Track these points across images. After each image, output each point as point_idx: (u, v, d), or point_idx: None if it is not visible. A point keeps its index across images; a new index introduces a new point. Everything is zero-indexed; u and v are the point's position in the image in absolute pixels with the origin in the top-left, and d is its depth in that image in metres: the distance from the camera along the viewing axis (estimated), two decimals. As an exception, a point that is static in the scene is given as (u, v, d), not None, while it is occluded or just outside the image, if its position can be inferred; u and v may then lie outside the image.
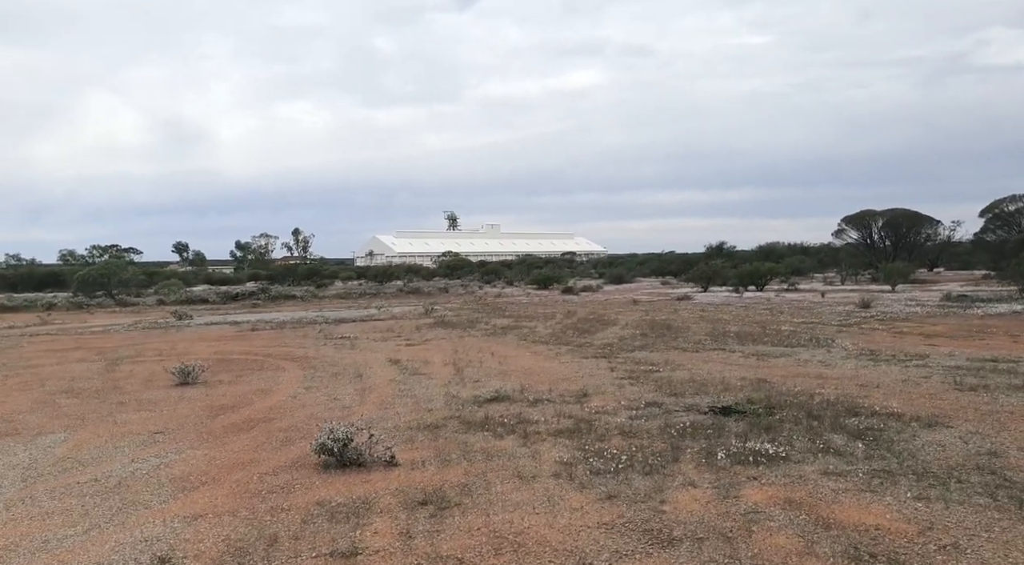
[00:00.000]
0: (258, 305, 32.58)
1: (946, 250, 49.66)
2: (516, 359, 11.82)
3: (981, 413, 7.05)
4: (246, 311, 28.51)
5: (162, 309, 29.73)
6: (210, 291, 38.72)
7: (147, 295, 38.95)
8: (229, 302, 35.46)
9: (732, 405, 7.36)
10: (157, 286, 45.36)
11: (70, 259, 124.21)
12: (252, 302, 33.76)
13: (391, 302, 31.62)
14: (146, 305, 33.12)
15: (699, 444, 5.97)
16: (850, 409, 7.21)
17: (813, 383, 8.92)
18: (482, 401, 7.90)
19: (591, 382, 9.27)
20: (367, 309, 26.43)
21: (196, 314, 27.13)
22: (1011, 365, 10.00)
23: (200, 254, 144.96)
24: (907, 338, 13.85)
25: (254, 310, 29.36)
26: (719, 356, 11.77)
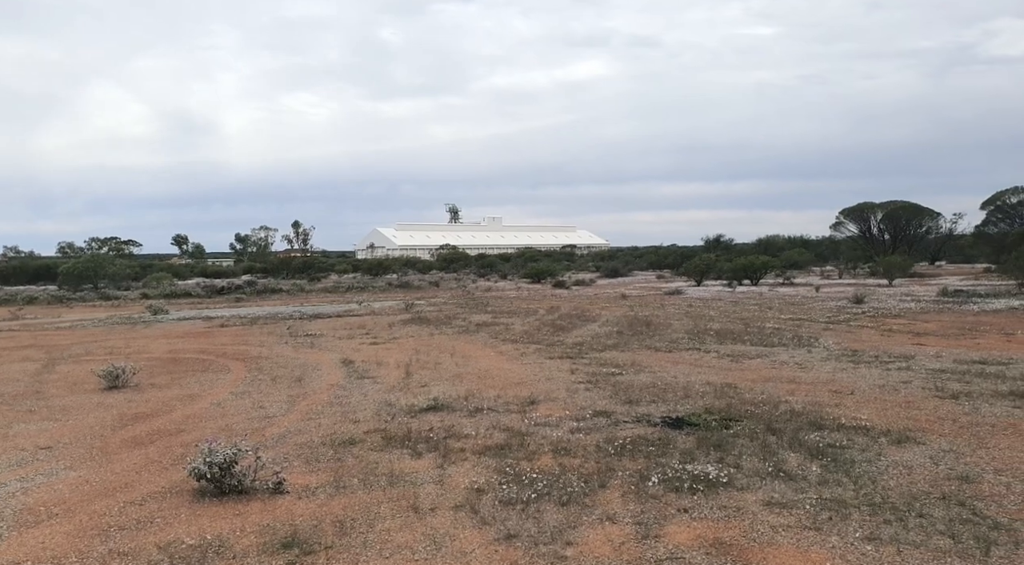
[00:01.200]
0: (242, 299, 31.96)
1: (948, 243, 48.82)
2: (477, 360, 11.17)
3: (959, 426, 6.38)
4: (227, 305, 27.94)
5: (144, 303, 29.16)
6: (196, 285, 38.15)
7: (135, 289, 38.43)
8: (214, 296, 34.90)
9: (685, 416, 6.71)
10: (145, 279, 44.93)
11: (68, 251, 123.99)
12: (236, 296, 33.17)
13: (378, 296, 31.01)
14: (129, 299, 32.54)
15: (636, 464, 5.32)
16: (815, 421, 6.55)
17: (783, 389, 8.25)
18: (417, 411, 7.26)
19: (545, 387, 8.62)
20: (349, 304, 25.82)
21: (175, 309, 26.56)
22: (999, 368, 9.32)
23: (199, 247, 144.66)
24: (895, 337, 13.16)
25: (236, 305, 28.78)
26: (692, 357, 11.11)
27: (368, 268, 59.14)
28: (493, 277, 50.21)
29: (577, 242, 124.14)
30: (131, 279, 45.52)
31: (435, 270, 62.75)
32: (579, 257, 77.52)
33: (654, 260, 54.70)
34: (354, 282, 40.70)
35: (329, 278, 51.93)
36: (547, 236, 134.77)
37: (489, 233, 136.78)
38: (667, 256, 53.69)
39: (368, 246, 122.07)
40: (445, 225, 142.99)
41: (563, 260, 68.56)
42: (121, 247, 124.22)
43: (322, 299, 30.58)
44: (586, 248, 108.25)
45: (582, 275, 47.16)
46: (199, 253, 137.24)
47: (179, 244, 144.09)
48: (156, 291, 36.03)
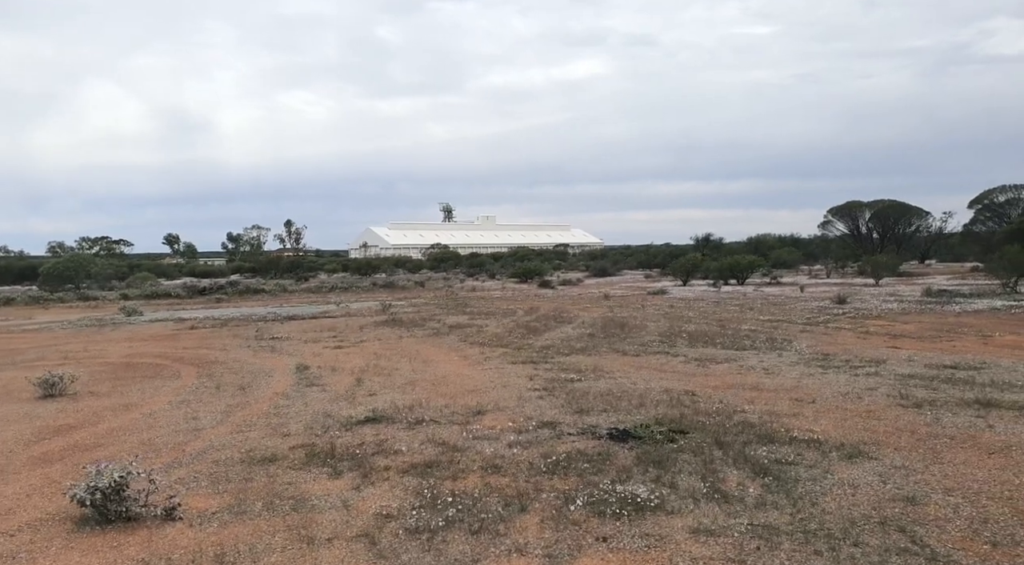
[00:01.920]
0: (222, 300, 31.53)
1: (938, 242, 48.67)
2: (438, 365, 10.82)
3: (917, 439, 6.06)
4: (205, 306, 27.52)
5: (122, 304, 28.70)
6: (177, 285, 37.67)
7: (118, 289, 37.96)
8: (195, 296, 34.45)
9: (632, 429, 6.37)
10: (129, 280, 44.43)
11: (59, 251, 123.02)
12: (217, 297, 32.72)
13: (361, 297, 30.64)
14: (108, 300, 32.04)
15: (566, 484, 4.98)
16: (767, 434, 6.23)
17: (744, 397, 7.93)
18: (354, 423, 6.90)
19: (498, 395, 8.28)
20: (328, 305, 25.43)
21: (153, 310, 26.15)
22: (970, 373, 9.01)
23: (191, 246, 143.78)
24: (871, 339, 12.86)
25: (215, 305, 28.37)
26: (659, 361, 10.78)
27: (357, 268, 58.66)
28: (482, 277, 49.84)
29: (571, 241, 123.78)
30: (115, 279, 45.07)
31: (425, 269, 62.43)
32: (572, 256, 77.18)
33: (643, 259, 54.41)
34: (339, 282, 40.25)
35: (317, 278, 51.58)
36: (541, 235, 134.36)
37: (483, 232, 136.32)
38: (656, 255, 53.41)
39: (361, 245, 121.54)
40: (439, 224, 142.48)
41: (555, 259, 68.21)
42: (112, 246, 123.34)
43: (303, 299, 30.18)
44: (579, 247, 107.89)
45: (571, 274, 46.86)
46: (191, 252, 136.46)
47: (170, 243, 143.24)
48: (137, 292, 35.57)
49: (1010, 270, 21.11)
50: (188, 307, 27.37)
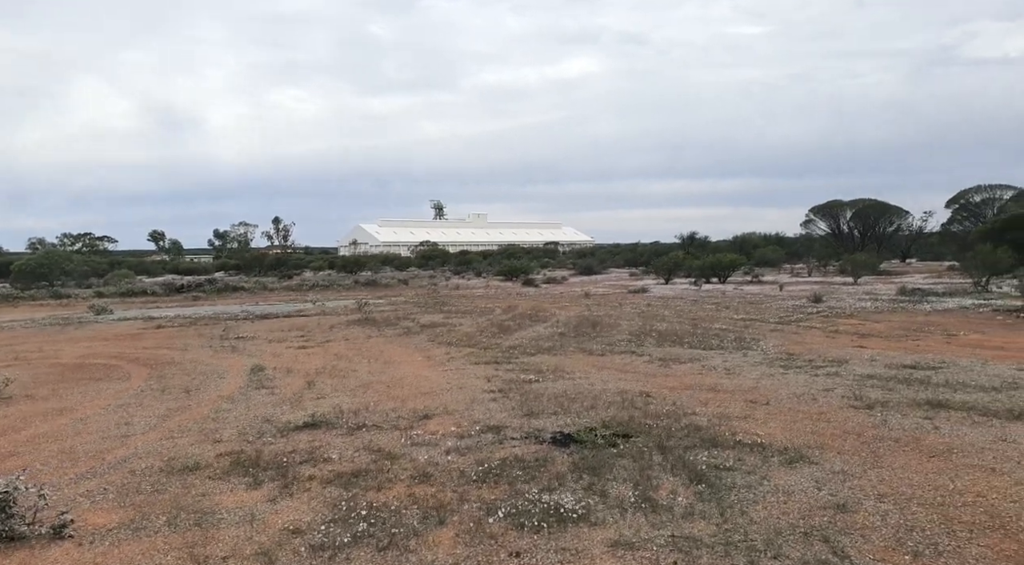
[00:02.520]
0: (199, 298, 31.14)
1: (918, 241, 48.98)
2: (398, 366, 10.63)
3: (862, 442, 5.95)
4: (179, 305, 27.15)
5: (92, 302, 28.26)
6: (154, 283, 37.19)
7: (96, 286, 37.44)
8: (173, 294, 34.04)
9: (575, 433, 6.22)
10: (107, 277, 43.85)
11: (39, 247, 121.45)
12: (194, 295, 32.32)
13: (341, 294, 30.38)
14: (81, 298, 31.54)
15: (494, 493, 4.82)
16: (712, 438, 6.09)
17: (699, 398, 7.79)
18: (292, 428, 6.70)
19: (450, 398, 8.10)
20: (304, 303, 25.15)
21: (127, 308, 25.77)
22: (927, 373, 8.93)
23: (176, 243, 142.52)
24: (839, 339, 12.79)
25: (191, 303, 28.01)
26: (623, 361, 10.63)
27: (343, 265, 58.20)
28: (468, 275, 49.64)
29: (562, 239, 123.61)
30: (94, 276, 44.48)
31: (413, 267, 62.11)
32: (561, 254, 77.05)
33: (630, 258, 54.39)
34: (320, 280, 39.91)
35: (302, 275, 51.17)
36: (532, 233, 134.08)
37: (474, 230, 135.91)
38: (643, 254, 53.39)
39: (351, 243, 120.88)
40: (429, 221, 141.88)
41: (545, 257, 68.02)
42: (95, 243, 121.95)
43: (282, 298, 29.85)
44: (569, 245, 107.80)
45: (558, 273, 46.75)
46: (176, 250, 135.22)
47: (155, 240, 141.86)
48: (113, 289, 35.08)
49: (982, 269, 21.17)
50: (163, 305, 27.00)
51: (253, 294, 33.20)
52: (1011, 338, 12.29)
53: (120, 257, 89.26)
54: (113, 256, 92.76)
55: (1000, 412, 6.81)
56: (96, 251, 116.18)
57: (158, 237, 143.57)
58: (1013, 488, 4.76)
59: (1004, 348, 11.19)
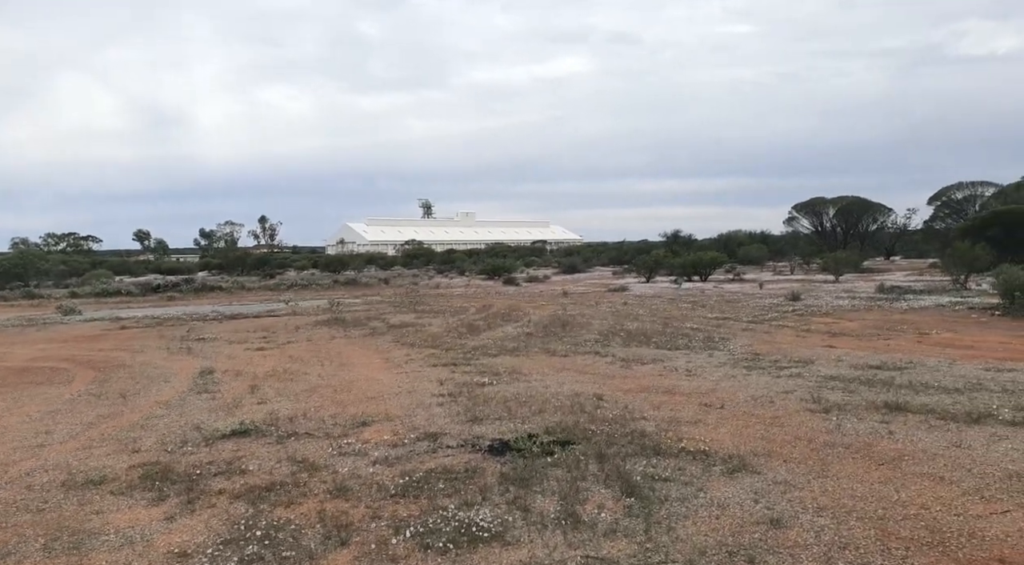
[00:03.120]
0: (174, 298, 30.63)
1: (902, 238, 49.07)
2: (353, 368, 10.29)
3: (812, 448, 5.68)
4: (154, 305, 26.68)
5: (60, 303, 27.69)
6: (134, 283, 36.59)
7: (73, 286, 36.82)
8: (148, 294, 33.50)
9: (513, 441, 5.91)
10: (85, 276, 43.18)
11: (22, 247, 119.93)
12: (169, 295, 31.79)
13: (321, 294, 29.98)
14: (54, 298, 30.93)
15: (408, 510, 4.50)
16: (656, 445, 5.81)
17: (653, 401, 7.51)
18: (219, 437, 6.36)
19: (396, 403, 7.78)
20: (278, 303, 24.73)
21: (98, 308, 25.28)
22: (892, 374, 8.69)
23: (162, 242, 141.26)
24: (810, 338, 12.56)
25: (164, 303, 27.55)
26: (585, 361, 10.35)
27: (326, 264, 57.67)
28: (452, 274, 49.29)
29: (550, 238, 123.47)
30: (70, 276, 43.80)
31: (398, 266, 61.68)
32: (548, 253, 76.82)
33: (615, 256, 54.20)
34: (298, 279, 39.40)
35: (286, 274, 50.66)
36: (520, 231, 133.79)
37: (462, 228, 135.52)
38: (627, 252, 53.21)
39: (338, 242, 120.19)
40: (417, 220, 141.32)
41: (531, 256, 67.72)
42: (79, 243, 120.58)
43: (259, 297, 29.41)
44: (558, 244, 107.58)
45: (541, 271, 46.50)
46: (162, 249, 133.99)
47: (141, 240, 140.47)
48: (88, 289, 34.49)
49: (960, 267, 21.07)
50: (136, 306, 26.51)
51: (231, 294, 32.71)
52: (982, 337, 12.11)
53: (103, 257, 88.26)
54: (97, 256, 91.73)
55: (959, 415, 6.57)
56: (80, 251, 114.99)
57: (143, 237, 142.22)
58: (959, 499, 4.50)
59: (974, 347, 11.00)
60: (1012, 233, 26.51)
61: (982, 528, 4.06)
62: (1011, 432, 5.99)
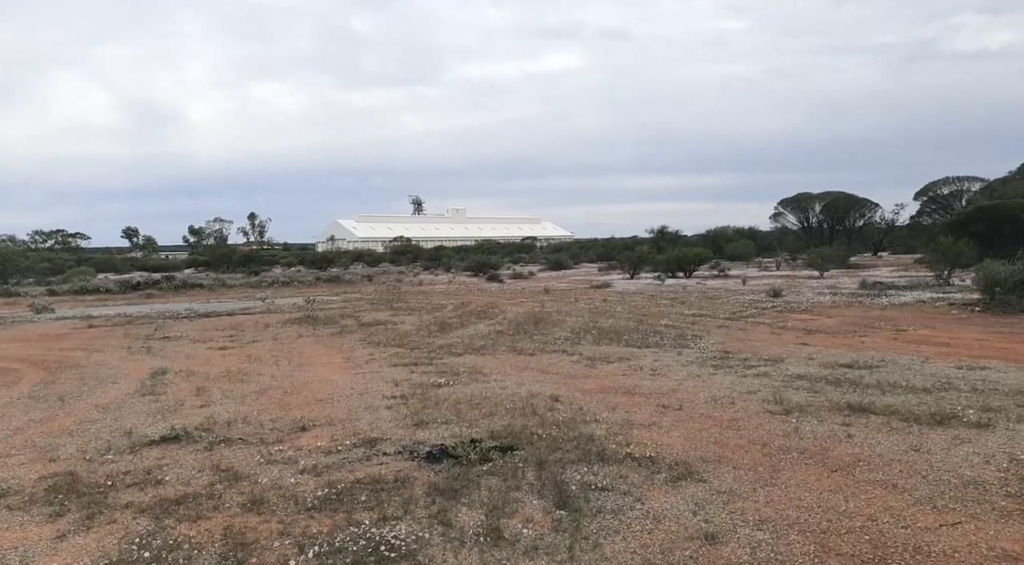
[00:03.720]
0: (153, 296, 30.17)
1: (891, 234, 49.03)
2: (310, 369, 9.96)
3: (765, 454, 5.41)
4: (130, 302, 26.21)
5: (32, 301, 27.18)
6: (111, 280, 36.06)
7: (55, 283, 36.28)
8: (128, 292, 33.01)
9: (451, 447, 5.61)
10: (66, 274, 42.62)
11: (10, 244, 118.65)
12: (148, 292, 31.30)
13: (302, 291, 29.59)
14: (31, 296, 30.40)
15: (322, 525, 4.20)
16: (601, 451, 5.52)
17: (610, 403, 7.23)
18: (147, 443, 6.03)
19: (344, 406, 7.47)
20: (254, 300, 24.33)
21: (71, 306, 24.85)
22: (861, 373, 8.44)
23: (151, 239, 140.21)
24: (785, 335, 12.32)
25: (142, 301, 27.08)
26: (550, 361, 10.05)
27: (313, 261, 57.21)
28: (438, 270, 48.94)
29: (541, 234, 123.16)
30: (52, 274, 43.23)
31: (385, 263, 61.27)
32: (538, 249, 76.53)
33: (603, 252, 53.95)
34: (283, 277, 38.96)
35: (273, 271, 50.20)
36: (511, 228, 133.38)
37: (453, 225, 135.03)
38: (615, 248, 52.96)
39: (328, 238, 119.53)
40: (408, 217, 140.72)
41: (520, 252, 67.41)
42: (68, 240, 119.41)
43: (240, 294, 29.02)
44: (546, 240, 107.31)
45: (527, 268, 46.22)
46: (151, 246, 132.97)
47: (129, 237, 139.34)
48: (68, 287, 33.98)
49: (943, 262, 20.91)
50: (112, 303, 26.04)
51: (211, 291, 32.28)
52: (959, 334, 11.89)
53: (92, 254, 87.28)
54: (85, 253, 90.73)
55: (923, 417, 6.31)
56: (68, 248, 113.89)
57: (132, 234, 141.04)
58: (909, 510, 4.23)
59: (950, 344, 10.77)
60: (997, 228, 26.42)
61: (929, 542, 3.80)
62: (974, 435, 5.74)
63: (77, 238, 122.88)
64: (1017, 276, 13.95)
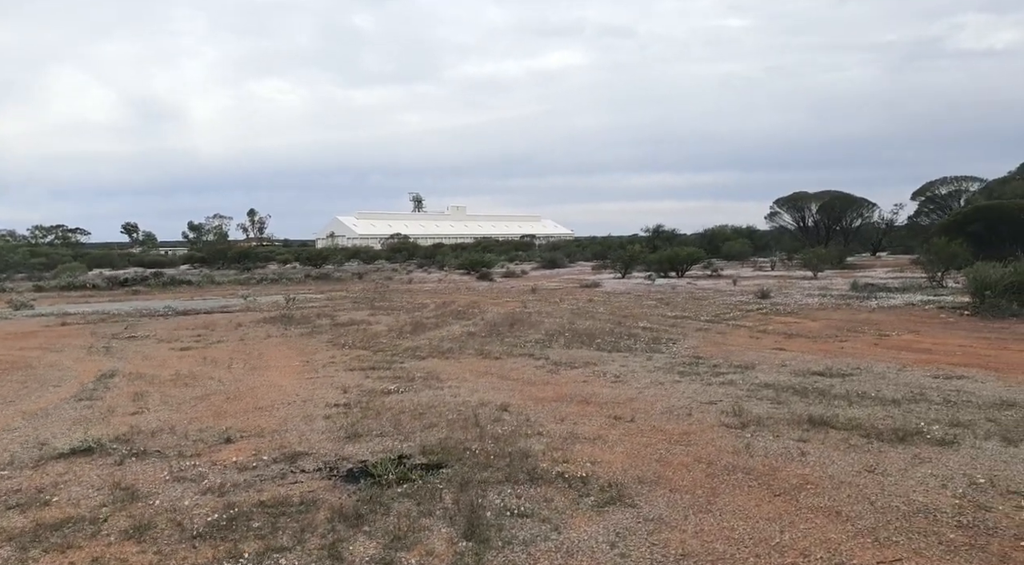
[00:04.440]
0: (139, 292, 29.86)
1: (889, 234, 48.51)
2: (263, 373, 9.58)
3: (709, 473, 5.01)
4: (113, 299, 25.90)
5: (15, 297, 26.87)
6: (99, 277, 35.77)
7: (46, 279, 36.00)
8: (115, 288, 32.72)
9: (372, 465, 5.22)
10: (56, 270, 42.39)
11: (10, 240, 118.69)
12: (133, 289, 30.98)
13: (287, 289, 29.23)
14: (16, 291, 30.12)
15: (197, 558, 3.82)
16: (534, 469, 5.13)
17: (560, 413, 6.84)
18: (55, 456, 5.66)
19: (280, 415, 7.09)
20: (235, 298, 23.98)
21: (53, 302, 24.54)
22: (832, 382, 8.04)
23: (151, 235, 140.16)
24: (763, 340, 11.91)
25: (127, 298, 26.76)
26: (514, 365, 9.66)
27: (307, 258, 56.92)
28: (432, 268, 48.58)
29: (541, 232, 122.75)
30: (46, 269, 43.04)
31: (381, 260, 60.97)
32: (536, 247, 76.12)
33: (598, 251, 53.51)
34: (273, 274, 38.60)
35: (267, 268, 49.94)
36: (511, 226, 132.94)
37: (452, 222, 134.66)
38: (611, 247, 52.51)
39: (328, 235, 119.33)
40: (408, 214, 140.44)
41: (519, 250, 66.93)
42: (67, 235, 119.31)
43: (226, 291, 28.68)
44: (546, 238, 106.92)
45: (520, 266, 45.83)
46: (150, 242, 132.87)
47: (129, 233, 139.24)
48: (55, 283, 33.70)
49: (936, 264, 20.46)
50: (95, 300, 25.73)
51: (199, 288, 31.95)
52: (943, 339, 11.47)
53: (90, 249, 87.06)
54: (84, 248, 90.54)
55: (885, 432, 5.92)
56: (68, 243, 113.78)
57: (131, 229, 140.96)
58: (848, 543, 3.84)
59: (931, 350, 10.36)
60: (994, 228, 25.94)
61: (863, 584, 3.41)
62: (935, 454, 5.34)
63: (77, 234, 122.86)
64: (1008, 279, 13.51)
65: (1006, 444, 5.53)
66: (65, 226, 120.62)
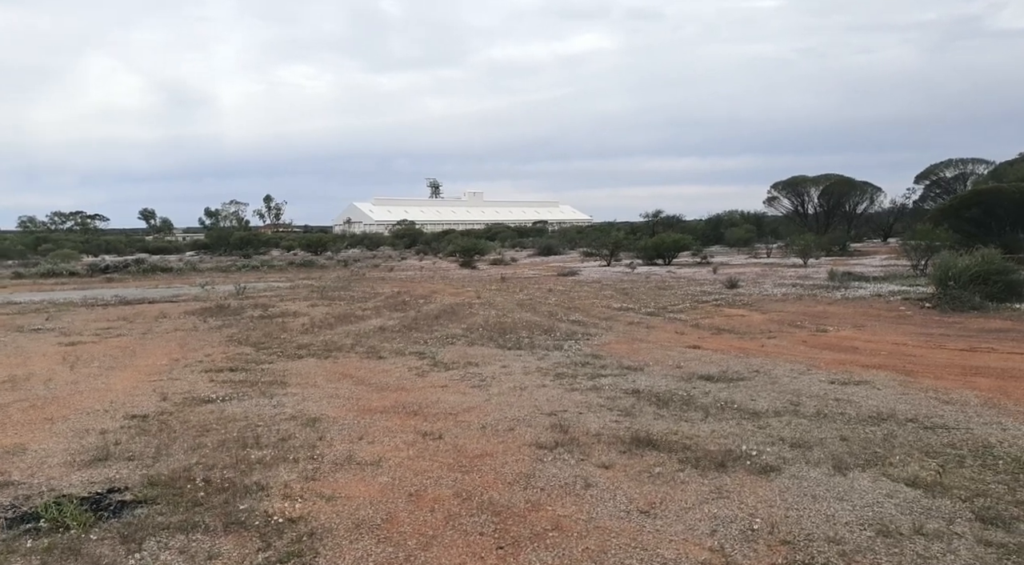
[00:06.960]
0: (113, 280, 29.59)
1: (901, 219, 46.52)
2: (116, 373, 8.82)
3: (452, 513, 4.10)
4: (82, 286, 25.52)
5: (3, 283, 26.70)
6: (80, 264, 35.67)
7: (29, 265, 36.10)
8: (96, 275, 32.57)
9: (44, 507, 4.37)
10: (48, 256, 42.62)
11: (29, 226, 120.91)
12: (109, 276, 30.75)
13: (262, 277, 28.80)
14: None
15: None
16: (244, 511, 4.25)
17: (368, 429, 5.96)
18: None
19: (66, 427, 6.32)
20: (193, 287, 23.42)
21: (21, 290, 24.29)
22: (711, 388, 7.02)
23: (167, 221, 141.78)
24: (687, 335, 10.88)
25: (98, 285, 26.41)
26: (388, 366, 8.78)
27: (308, 244, 56.64)
28: (429, 255, 47.91)
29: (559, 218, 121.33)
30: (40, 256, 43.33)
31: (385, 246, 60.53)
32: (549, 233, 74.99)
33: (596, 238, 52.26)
34: (255, 261, 38.16)
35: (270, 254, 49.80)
36: (528, 212, 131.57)
37: (469, 208, 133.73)
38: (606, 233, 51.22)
39: (345, 221, 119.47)
40: (424, 200, 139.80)
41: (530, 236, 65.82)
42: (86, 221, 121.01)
43: (205, 278, 28.22)
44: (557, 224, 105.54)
45: (512, 253, 44.94)
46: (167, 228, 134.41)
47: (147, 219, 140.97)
48: (35, 270, 33.67)
49: (918, 251, 19.08)
50: (63, 288, 25.40)
51: (178, 275, 31.62)
52: (881, 336, 10.33)
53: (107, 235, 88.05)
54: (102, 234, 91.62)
55: (708, 456, 4.94)
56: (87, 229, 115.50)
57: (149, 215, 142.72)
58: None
59: (857, 349, 9.26)
60: (993, 213, 24.31)
61: None
62: (743, 486, 4.37)
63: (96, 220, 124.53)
64: (972, 269, 12.25)
65: (834, 472, 4.54)
66: (84, 212, 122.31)
